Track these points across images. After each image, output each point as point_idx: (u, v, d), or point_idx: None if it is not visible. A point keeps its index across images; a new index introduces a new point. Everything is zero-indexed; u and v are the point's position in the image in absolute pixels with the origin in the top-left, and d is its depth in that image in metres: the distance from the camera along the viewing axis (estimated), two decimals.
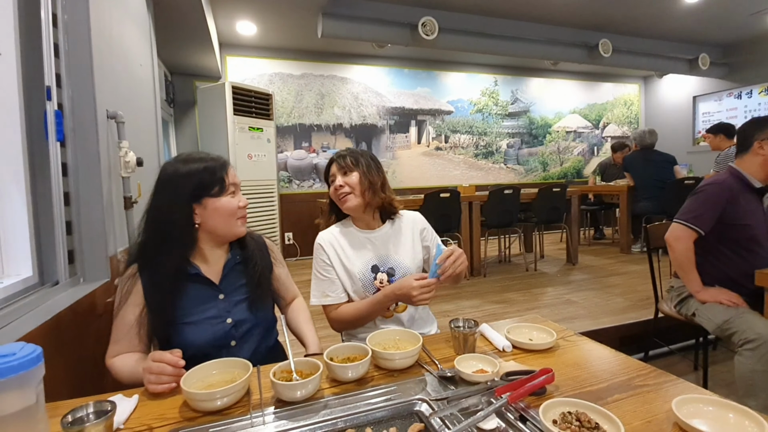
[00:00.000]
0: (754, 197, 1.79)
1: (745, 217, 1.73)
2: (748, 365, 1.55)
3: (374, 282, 1.32)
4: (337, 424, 0.73)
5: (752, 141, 1.77)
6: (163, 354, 0.86)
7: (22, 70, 1.27)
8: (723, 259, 1.78)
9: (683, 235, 1.78)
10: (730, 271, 1.77)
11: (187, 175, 1.05)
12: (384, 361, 0.92)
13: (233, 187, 1.10)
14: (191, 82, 4.93)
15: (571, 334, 1.10)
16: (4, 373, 0.64)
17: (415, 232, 1.41)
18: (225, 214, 1.07)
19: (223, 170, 1.09)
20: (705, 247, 1.79)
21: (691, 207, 1.80)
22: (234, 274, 1.14)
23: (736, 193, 1.74)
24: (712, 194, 1.76)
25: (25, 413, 0.66)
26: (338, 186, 1.32)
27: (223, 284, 1.12)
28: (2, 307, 1.09)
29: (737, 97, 6.26)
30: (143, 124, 2.21)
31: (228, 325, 1.09)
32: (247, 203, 1.13)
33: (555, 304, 3.16)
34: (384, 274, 1.32)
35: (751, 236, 1.74)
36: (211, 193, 1.06)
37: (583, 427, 0.66)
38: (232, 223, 1.10)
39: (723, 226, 1.75)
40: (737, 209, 1.73)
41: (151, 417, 0.76)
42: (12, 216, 1.27)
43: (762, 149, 1.74)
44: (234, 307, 1.11)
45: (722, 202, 1.74)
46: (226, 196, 1.08)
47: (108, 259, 1.53)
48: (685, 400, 0.72)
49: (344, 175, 1.33)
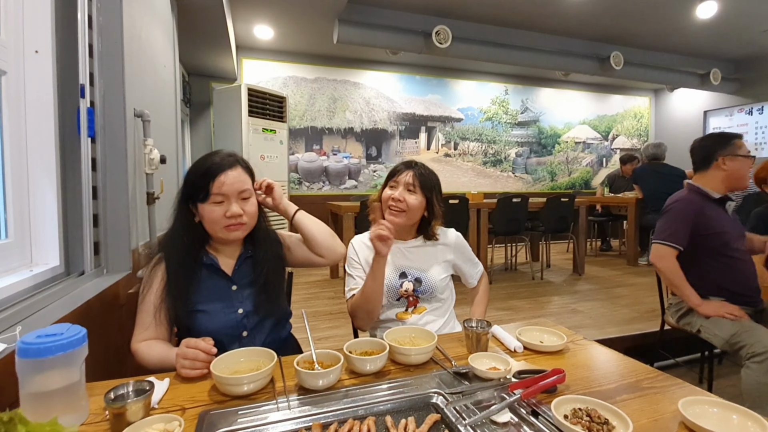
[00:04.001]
0: (717, 207, 1.85)
1: (715, 225, 1.80)
2: (755, 377, 1.57)
3: (399, 289, 1.35)
4: (357, 412, 0.77)
5: (715, 156, 1.83)
6: (198, 341, 0.91)
7: (58, 69, 1.34)
8: (707, 269, 1.83)
9: (665, 254, 1.84)
10: (716, 279, 1.82)
11: (188, 174, 1.13)
12: (400, 356, 0.96)
13: (221, 197, 1.09)
14: (207, 83, 5.03)
15: (581, 338, 1.14)
16: (52, 350, 0.69)
17: (449, 254, 1.44)
18: (209, 221, 1.11)
19: (210, 178, 1.08)
20: (688, 262, 1.84)
21: (664, 227, 1.88)
22: (245, 268, 1.19)
23: (700, 206, 1.82)
24: (680, 210, 1.85)
25: (70, 389, 0.71)
26: (396, 198, 1.31)
27: (235, 276, 1.16)
28: (33, 294, 1.15)
29: (748, 113, 6.26)
30: (165, 123, 2.28)
31: (239, 315, 1.13)
32: (236, 212, 1.09)
33: (561, 312, 3.18)
34: (410, 283, 1.35)
35: (724, 242, 1.80)
36: (198, 198, 1.10)
37: (593, 423, 0.69)
38: (218, 230, 1.11)
39: (698, 238, 1.81)
40: (706, 220, 1.80)
41: (182, 399, 0.81)
42: (42, 207, 1.32)
43: (725, 164, 1.81)
44: (245, 299, 1.15)
45: (691, 216, 1.81)
46: (209, 205, 1.09)
47: (131, 252, 1.59)
48: (691, 402, 0.75)
49: (408, 191, 1.32)
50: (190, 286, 1.11)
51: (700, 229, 1.80)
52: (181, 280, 1.10)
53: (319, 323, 2.95)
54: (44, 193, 1.32)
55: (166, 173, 2.06)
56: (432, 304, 1.39)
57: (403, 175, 1.34)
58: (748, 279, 1.83)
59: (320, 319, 3.05)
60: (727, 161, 1.81)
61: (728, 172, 1.81)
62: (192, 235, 1.13)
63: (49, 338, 0.69)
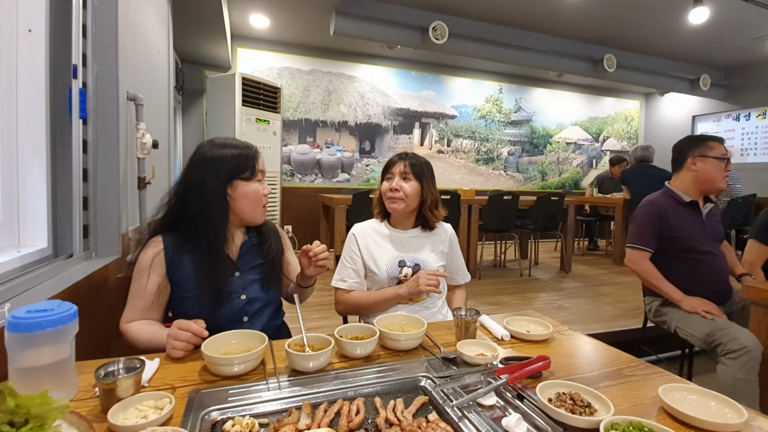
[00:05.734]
0: (686, 211, 1.88)
1: (678, 229, 1.85)
2: (731, 373, 1.61)
3: (399, 275, 1.39)
4: (347, 393, 0.79)
5: (686, 157, 1.87)
6: (190, 324, 0.91)
7: (50, 48, 1.32)
8: (674, 271, 1.88)
9: (637, 258, 1.90)
10: (682, 280, 1.86)
11: (224, 157, 1.12)
12: (390, 341, 0.97)
13: (261, 174, 1.18)
14: (200, 70, 4.97)
15: (566, 329, 1.16)
16: (43, 325, 0.69)
17: (444, 245, 1.49)
18: (253, 199, 1.14)
19: (255, 158, 1.16)
20: (659, 264, 1.89)
21: (633, 231, 1.94)
22: (249, 255, 1.20)
23: (666, 210, 1.86)
24: (646, 214, 1.90)
25: (60, 365, 0.72)
26: (394, 188, 1.38)
27: (239, 262, 1.17)
28: (21, 274, 1.14)
29: (735, 119, 6.38)
30: (158, 109, 2.26)
31: (242, 301, 1.14)
32: (269, 191, 1.20)
33: (547, 308, 3.22)
34: (409, 269, 1.40)
35: (687, 246, 1.85)
36: (242, 176, 1.12)
37: (576, 405, 0.71)
38: (257, 208, 1.16)
39: (663, 241, 1.87)
40: (669, 224, 1.85)
41: (172, 378, 0.81)
42: (32, 188, 1.30)
43: (695, 165, 1.85)
44: (248, 285, 1.17)
45: (656, 219, 1.86)
46: (254, 182, 1.15)
47: (120, 236, 1.58)
48: (671, 388, 0.77)
49: (404, 179, 1.39)
50: (200, 272, 1.10)
51: (665, 231, 1.86)
52: (209, 264, 1.10)
53: (308, 314, 2.96)
54: (33, 173, 1.30)
55: (158, 159, 2.04)
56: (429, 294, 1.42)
57: (397, 165, 1.42)
58: (714, 280, 1.87)
59: (309, 309, 3.06)
60: (697, 162, 1.83)
61: (697, 173, 1.84)
62: (223, 218, 1.13)
63: (40, 313, 0.69)
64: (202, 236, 1.10)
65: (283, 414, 0.72)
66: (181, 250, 1.12)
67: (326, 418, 0.69)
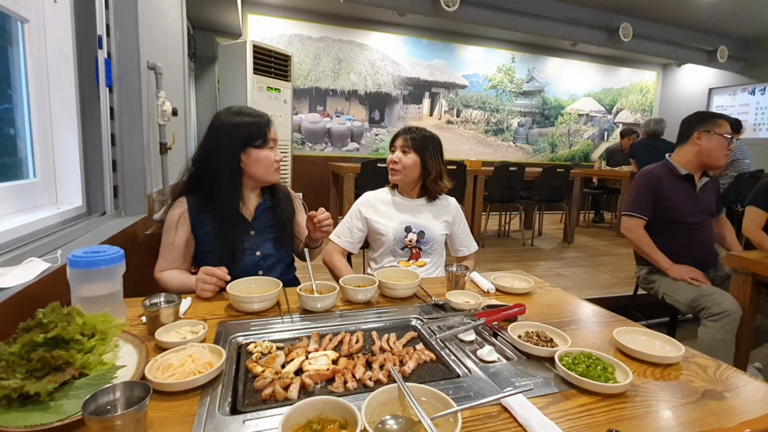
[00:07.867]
0: (681, 184, 1.98)
1: (669, 200, 1.95)
2: (710, 333, 1.75)
3: (405, 239, 1.53)
4: (349, 328, 0.93)
5: (692, 131, 1.94)
6: (215, 270, 1.07)
7: (75, 19, 1.41)
8: (663, 239, 1.98)
9: (632, 225, 2.01)
10: (670, 248, 1.97)
11: (238, 125, 1.23)
12: (388, 290, 1.11)
13: (273, 142, 1.28)
14: (212, 37, 5.00)
15: (548, 285, 1.29)
16: (99, 263, 0.83)
17: (449, 215, 1.61)
18: (265, 164, 1.26)
19: (267, 126, 1.27)
20: (649, 231, 2.00)
21: (629, 199, 2.04)
22: (264, 217, 1.34)
23: (661, 180, 1.96)
24: (642, 184, 2.00)
25: (112, 296, 0.87)
26: (393, 160, 1.51)
27: (255, 223, 1.31)
28: (61, 228, 1.29)
29: (751, 93, 6.25)
30: (174, 77, 2.35)
31: (257, 257, 1.29)
32: (281, 157, 1.31)
33: (545, 276, 3.35)
34: (414, 234, 1.54)
35: (675, 217, 1.96)
36: (255, 144, 1.24)
37: (540, 340, 0.85)
38: (270, 172, 1.28)
39: (656, 210, 1.98)
40: (663, 194, 1.95)
41: (203, 312, 0.97)
42: (65, 151, 1.44)
43: (699, 139, 1.92)
44: (263, 243, 1.31)
45: (652, 189, 1.96)
46: (266, 150, 1.26)
47: (146, 197, 1.72)
48: (624, 331, 0.90)
49: (403, 153, 1.51)
50: (220, 231, 1.24)
51: (658, 201, 1.96)
52: (225, 224, 1.22)
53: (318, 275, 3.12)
54: (66, 138, 1.43)
55: (177, 126, 2.15)
56: (431, 258, 1.57)
57: (399, 139, 1.54)
58: (699, 250, 1.99)
59: (316, 270, 3.22)
60: (702, 136, 1.90)
61: (700, 148, 1.91)
62: (237, 182, 1.25)
63: (96, 254, 0.84)
64: (219, 199, 1.23)
65: (296, 341, 0.87)
66: (203, 210, 1.25)
67: (331, 344, 0.84)
